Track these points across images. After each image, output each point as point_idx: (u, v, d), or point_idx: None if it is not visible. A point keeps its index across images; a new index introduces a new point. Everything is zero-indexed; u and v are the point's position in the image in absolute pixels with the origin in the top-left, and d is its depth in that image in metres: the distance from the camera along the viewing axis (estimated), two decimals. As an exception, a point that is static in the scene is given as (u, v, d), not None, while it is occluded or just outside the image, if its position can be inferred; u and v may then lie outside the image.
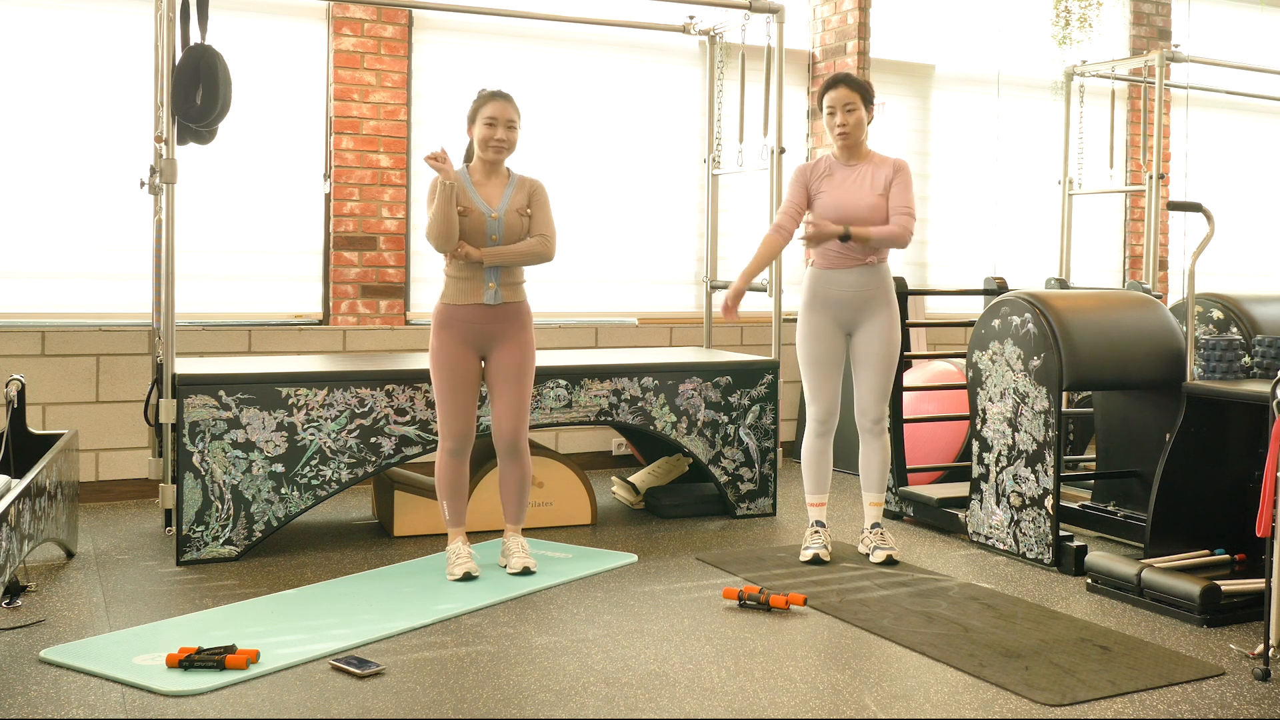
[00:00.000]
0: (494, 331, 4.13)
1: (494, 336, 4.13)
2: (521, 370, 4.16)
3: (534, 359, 4.22)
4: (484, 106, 4.09)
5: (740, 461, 5.12)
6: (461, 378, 4.11)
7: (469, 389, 4.13)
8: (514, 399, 4.15)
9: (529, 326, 4.21)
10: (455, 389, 4.11)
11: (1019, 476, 4.46)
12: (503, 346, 4.14)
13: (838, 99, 4.31)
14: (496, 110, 4.08)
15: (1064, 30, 7.13)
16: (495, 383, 4.16)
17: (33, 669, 3.17)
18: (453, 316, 4.11)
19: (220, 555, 4.29)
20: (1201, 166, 7.98)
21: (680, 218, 6.63)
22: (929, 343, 6.76)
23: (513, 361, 4.14)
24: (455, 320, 4.10)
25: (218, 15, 4.94)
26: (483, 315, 4.11)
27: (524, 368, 4.17)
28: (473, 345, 4.13)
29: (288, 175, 5.73)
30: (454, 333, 4.11)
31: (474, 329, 4.11)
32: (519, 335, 4.16)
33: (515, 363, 4.15)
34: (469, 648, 3.40)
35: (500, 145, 4.09)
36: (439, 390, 4.13)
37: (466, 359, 4.12)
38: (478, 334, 4.12)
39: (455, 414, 4.11)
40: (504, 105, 4.09)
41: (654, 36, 6.45)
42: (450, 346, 4.11)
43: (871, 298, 4.35)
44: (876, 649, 3.45)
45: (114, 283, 5.40)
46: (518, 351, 4.16)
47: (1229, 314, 5.03)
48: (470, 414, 4.14)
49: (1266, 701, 3.05)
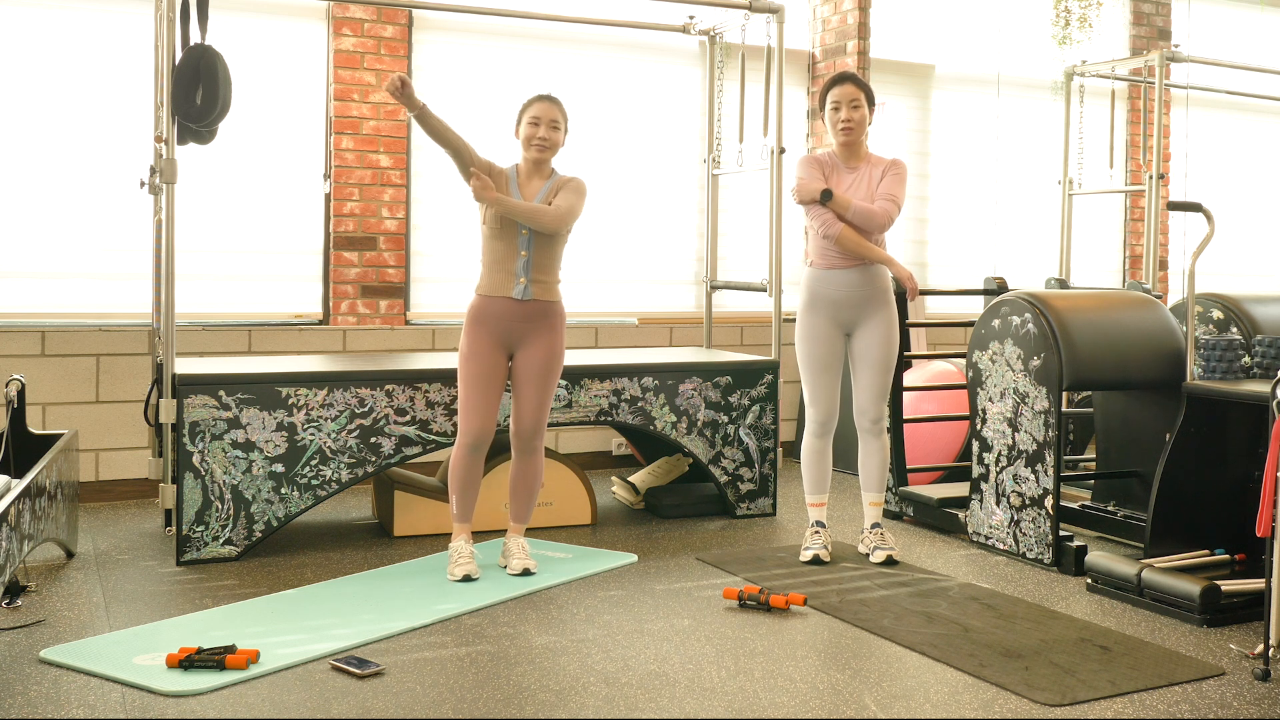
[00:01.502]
0: (524, 330, 4.14)
1: (524, 335, 4.15)
2: (548, 370, 4.18)
3: (561, 361, 4.24)
4: (530, 107, 4.18)
5: (740, 461, 5.12)
6: (487, 375, 4.12)
7: (494, 386, 4.14)
8: (537, 397, 4.18)
9: (560, 329, 4.22)
10: (480, 385, 4.12)
11: (1019, 476, 4.46)
12: (531, 345, 4.16)
13: (844, 95, 4.32)
14: (541, 111, 4.16)
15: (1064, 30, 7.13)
16: (520, 380, 4.18)
17: (33, 669, 3.17)
18: (485, 311, 4.13)
19: (220, 555, 4.29)
20: (1201, 166, 7.98)
21: (680, 218, 6.63)
22: (929, 343, 6.76)
23: (540, 360, 4.16)
24: (487, 316, 4.12)
25: (218, 15, 4.93)
26: (513, 312, 4.12)
27: (550, 368, 4.19)
28: (502, 343, 4.15)
29: (288, 175, 5.73)
30: (485, 329, 4.12)
31: (504, 326, 4.13)
32: (548, 336, 4.18)
33: (542, 361, 4.17)
34: (469, 648, 3.40)
35: (543, 144, 4.16)
36: (463, 384, 4.14)
37: (494, 356, 4.14)
38: (507, 331, 4.13)
39: (477, 410, 4.12)
40: (549, 106, 4.17)
41: (654, 36, 6.45)
42: (480, 343, 4.12)
43: (870, 297, 4.35)
44: (876, 649, 3.45)
45: (114, 283, 5.40)
46: (546, 351, 4.17)
47: (1229, 314, 5.03)
48: (492, 411, 4.15)
49: (1266, 701, 3.05)
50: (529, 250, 4.12)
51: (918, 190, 7.15)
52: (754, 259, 6.46)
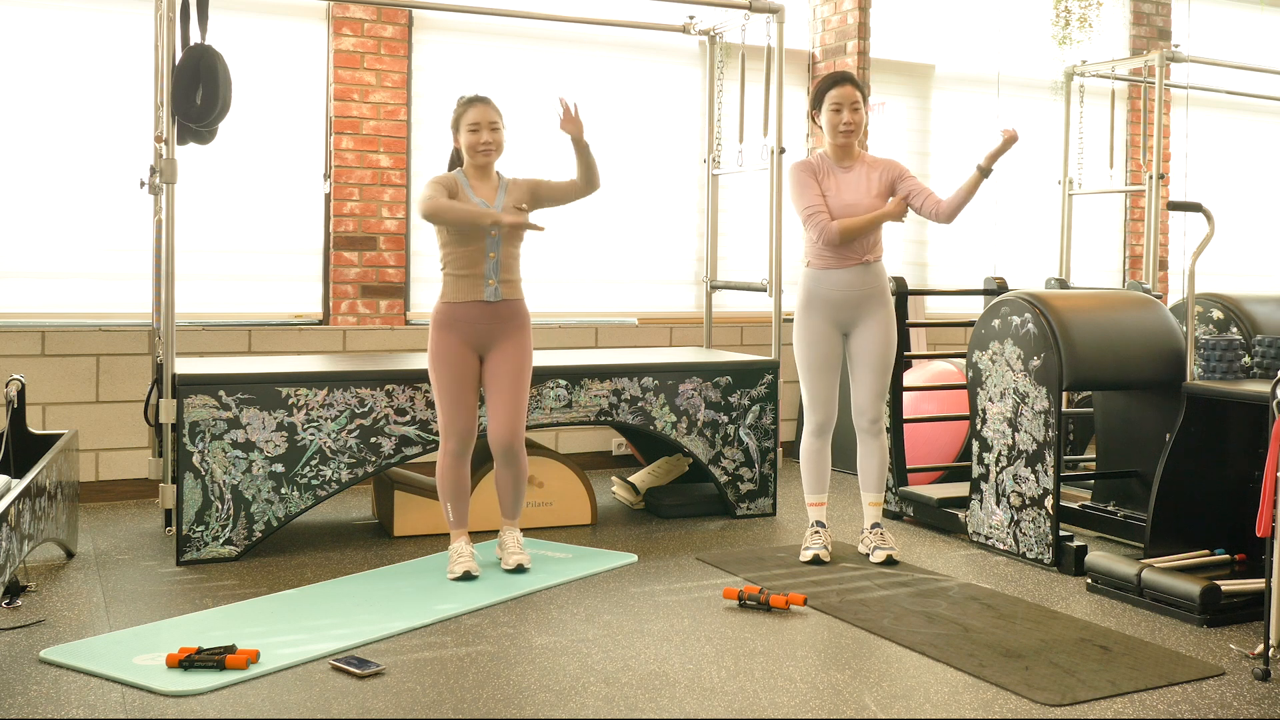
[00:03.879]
0: (493, 331, 4.13)
1: (493, 336, 4.14)
2: (518, 372, 4.16)
3: (531, 361, 4.23)
4: (465, 113, 4.14)
5: (740, 461, 5.12)
6: (461, 377, 4.12)
7: (469, 388, 4.14)
8: (510, 402, 4.15)
9: (527, 328, 4.22)
10: (455, 389, 4.11)
11: (1019, 476, 4.46)
12: (501, 347, 4.15)
13: (845, 96, 4.32)
14: (478, 115, 4.12)
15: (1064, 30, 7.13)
16: (492, 385, 4.16)
17: (33, 669, 3.17)
18: (453, 316, 4.11)
19: (220, 555, 4.29)
20: (1201, 166, 7.98)
21: (680, 218, 6.63)
22: (929, 343, 6.76)
23: (511, 363, 4.15)
24: (455, 320, 4.11)
25: (218, 15, 4.93)
26: (483, 314, 4.11)
27: (521, 370, 4.17)
28: (472, 344, 4.13)
29: (288, 175, 5.73)
30: (454, 332, 4.11)
31: (474, 328, 4.11)
32: (517, 336, 4.17)
33: (513, 364, 4.15)
34: (469, 648, 3.40)
35: (488, 148, 4.13)
36: (439, 391, 4.13)
37: (466, 358, 4.13)
38: (477, 333, 4.12)
39: (457, 414, 4.12)
40: (484, 109, 4.13)
41: (654, 36, 6.45)
42: (450, 346, 4.11)
43: (869, 297, 4.35)
44: (876, 649, 3.45)
45: (114, 283, 5.40)
46: (515, 353, 4.16)
47: (1229, 314, 5.03)
48: (472, 413, 4.14)
49: (1266, 701, 3.05)
50: (497, 252, 4.12)
51: (918, 190, 7.15)
52: (754, 259, 6.46)
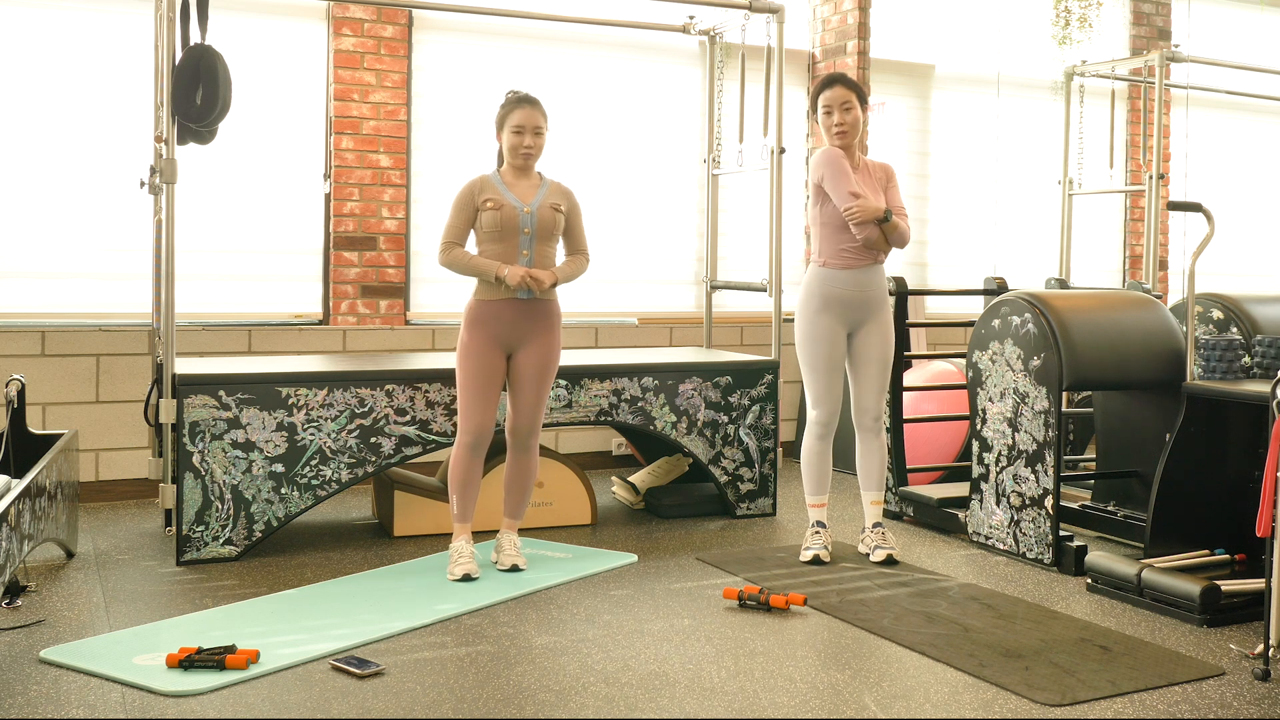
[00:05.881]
0: (524, 330, 4.15)
1: (523, 334, 4.16)
2: (544, 370, 4.20)
3: (558, 360, 4.26)
4: (511, 114, 4.15)
5: (740, 461, 5.12)
6: (487, 374, 4.13)
7: (493, 386, 4.15)
8: (534, 396, 4.20)
9: (558, 327, 4.24)
10: (479, 385, 4.12)
11: (1019, 476, 4.46)
12: (530, 345, 4.17)
13: (835, 98, 4.32)
14: (524, 118, 4.13)
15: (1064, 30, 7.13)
16: (518, 379, 4.19)
17: (33, 669, 3.17)
18: (484, 313, 4.13)
19: (220, 555, 4.29)
20: (1201, 166, 7.98)
21: (680, 218, 6.63)
22: (929, 343, 6.76)
23: (539, 360, 4.18)
24: (486, 317, 4.12)
25: (218, 15, 4.93)
26: (515, 312, 4.13)
27: (547, 368, 4.21)
28: (501, 343, 4.15)
29: (288, 175, 5.73)
30: (484, 329, 4.13)
31: (504, 326, 4.13)
32: (547, 336, 4.19)
33: (541, 362, 4.18)
34: (469, 648, 3.40)
35: (529, 152, 4.15)
36: (463, 385, 4.14)
37: (494, 356, 4.14)
38: (508, 332, 4.14)
39: (477, 409, 4.13)
40: (531, 112, 4.14)
41: (654, 36, 6.45)
42: (479, 343, 4.12)
43: (874, 296, 4.36)
44: (876, 649, 3.45)
45: (114, 283, 5.40)
46: (544, 351, 4.19)
47: (1229, 314, 5.03)
48: (492, 410, 4.15)
49: (1266, 701, 3.05)
50: (530, 250, 4.13)
51: (918, 190, 7.15)
52: (754, 259, 6.46)
